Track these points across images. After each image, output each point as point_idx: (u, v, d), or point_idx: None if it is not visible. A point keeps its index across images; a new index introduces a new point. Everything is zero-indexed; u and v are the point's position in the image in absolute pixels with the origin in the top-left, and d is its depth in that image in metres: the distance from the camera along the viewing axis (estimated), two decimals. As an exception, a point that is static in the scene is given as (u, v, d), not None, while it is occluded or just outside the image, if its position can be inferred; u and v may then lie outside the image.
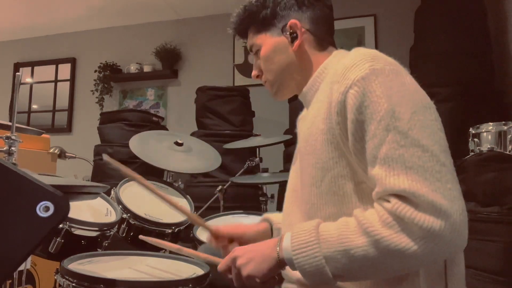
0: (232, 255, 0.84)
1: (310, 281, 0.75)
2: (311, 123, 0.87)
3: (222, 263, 0.87)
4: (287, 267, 0.80)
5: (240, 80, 3.61)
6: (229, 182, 2.11)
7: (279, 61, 0.95)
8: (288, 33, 0.93)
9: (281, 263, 0.79)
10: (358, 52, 0.82)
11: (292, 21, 0.93)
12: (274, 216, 1.11)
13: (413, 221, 0.66)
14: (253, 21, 0.98)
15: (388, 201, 0.70)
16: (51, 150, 2.37)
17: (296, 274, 0.87)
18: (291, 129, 2.75)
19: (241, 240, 1.05)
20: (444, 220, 0.65)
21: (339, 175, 0.80)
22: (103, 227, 1.38)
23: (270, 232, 1.09)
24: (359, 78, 0.75)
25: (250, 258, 0.81)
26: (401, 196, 0.68)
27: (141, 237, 1.15)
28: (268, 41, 0.96)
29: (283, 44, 0.94)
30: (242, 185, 2.47)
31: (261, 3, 0.96)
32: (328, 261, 0.72)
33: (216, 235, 1.06)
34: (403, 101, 0.73)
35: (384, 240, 0.68)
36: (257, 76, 1.02)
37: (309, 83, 0.94)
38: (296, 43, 0.93)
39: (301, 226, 0.78)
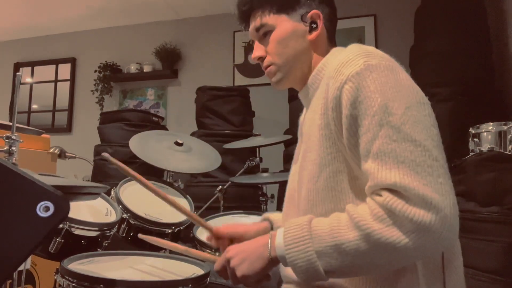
0: (226, 255, 0.85)
1: (302, 278, 0.75)
2: (312, 121, 0.88)
3: (217, 264, 0.88)
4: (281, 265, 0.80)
5: (240, 80, 3.61)
6: (229, 182, 2.11)
7: (294, 46, 0.93)
8: (308, 21, 0.93)
9: (273, 260, 0.79)
10: (354, 48, 0.82)
11: (316, 11, 0.93)
12: (274, 216, 1.11)
13: (404, 215, 0.67)
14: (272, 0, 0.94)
15: (380, 195, 0.70)
16: (51, 150, 2.37)
17: (293, 276, 0.87)
18: (291, 129, 2.75)
19: (242, 240, 1.05)
20: (434, 214, 0.66)
21: (337, 171, 0.81)
22: (103, 227, 1.38)
23: (268, 228, 1.09)
24: (353, 74, 0.76)
25: (243, 259, 0.81)
26: (393, 190, 0.69)
27: (140, 235, 1.15)
28: (285, 24, 0.93)
29: (301, 30, 0.93)
30: (242, 185, 2.47)
31: None
32: (319, 256, 0.72)
33: (216, 235, 1.06)
34: (397, 97, 0.73)
35: (375, 234, 0.68)
36: (259, 58, 0.97)
37: (310, 80, 0.94)
38: (315, 33, 0.93)
39: (293, 221, 0.78)
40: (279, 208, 1.61)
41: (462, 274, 0.84)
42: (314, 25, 0.93)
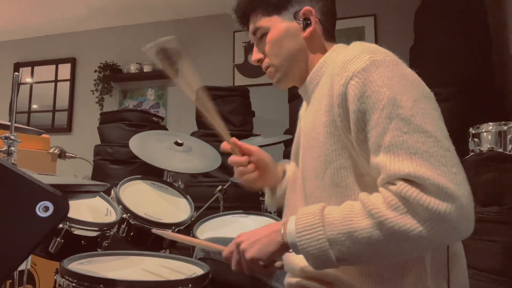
0: (236, 240, 0.84)
1: (314, 265, 0.75)
2: (314, 117, 0.87)
3: (226, 249, 0.87)
4: (290, 254, 0.80)
5: (240, 80, 3.61)
6: (229, 182, 2.11)
7: (289, 46, 0.93)
8: (301, 19, 0.93)
9: (285, 247, 0.78)
10: (358, 46, 0.83)
11: (307, 8, 0.92)
12: (288, 167, 1.10)
13: (419, 202, 0.66)
14: (263, 2, 0.95)
15: (394, 184, 0.69)
16: (51, 150, 2.37)
17: (299, 264, 0.87)
18: (291, 129, 2.75)
19: (257, 157, 1.05)
20: (450, 203, 0.65)
21: (341, 167, 0.80)
22: (103, 227, 1.38)
23: (282, 174, 1.10)
24: (359, 70, 0.76)
25: (254, 242, 0.81)
26: (407, 180, 0.68)
27: (154, 230, 1.17)
28: (278, 25, 0.94)
29: (295, 29, 0.93)
30: (242, 185, 2.47)
31: None
32: (332, 243, 0.72)
33: (234, 143, 1.06)
34: (405, 90, 0.73)
35: (389, 222, 0.67)
36: (258, 61, 0.99)
37: (310, 77, 0.94)
38: (309, 30, 0.92)
39: (305, 209, 0.78)
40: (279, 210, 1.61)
41: (466, 276, 0.84)
42: (307, 22, 0.92)
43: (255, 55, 0.99)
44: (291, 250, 0.78)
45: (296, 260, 0.90)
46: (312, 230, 0.73)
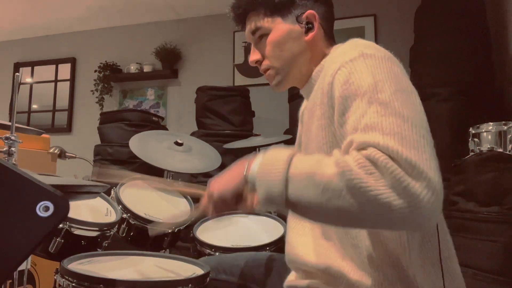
0: (208, 188, 0.85)
1: (263, 196, 0.72)
2: (311, 112, 0.88)
3: (203, 199, 0.88)
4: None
5: (240, 80, 3.61)
6: (229, 182, 2.11)
7: (291, 48, 0.93)
8: (304, 22, 0.92)
9: (247, 180, 0.77)
10: (353, 41, 0.85)
11: (311, 11, 0.92)
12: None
13: (386, 166, 0.62)
14: (266, 2, 0.93)
15: (364, 149, 0.66)
16: (51, 150, 2.37)
17: (305, 258, 0.87)
18: (291, 129, 2.75)
19: None
20: (416, 178, 0.61)
21: None
22: (103, 227, 1.38)
23: None
24: (347, 61, 0.77)
25: (220, 179, 0.82)
26: (377, 147, 0.65)
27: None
28: (280, 27, 0.92)
29: (297, 32, 0.93)
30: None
31: None
32: (290, 179, 0.69)
33: None
34: (388, 79, 0.73)
35: (351, 174, 0.63)
36: (256, 62, 0.97)
37: (312, 78, 0.94)
38: (311, 34, 0.92)
39: (274, 153, 0.75)
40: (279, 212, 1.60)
41: (460, 271, 0.85)
42: (310, 26, 0.92)
43: (253, 56, 0.97)
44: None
45: (299, 253, 0.91)
46: (276, 164, 0.71)
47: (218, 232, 1.61)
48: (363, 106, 0.71)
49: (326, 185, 0.65)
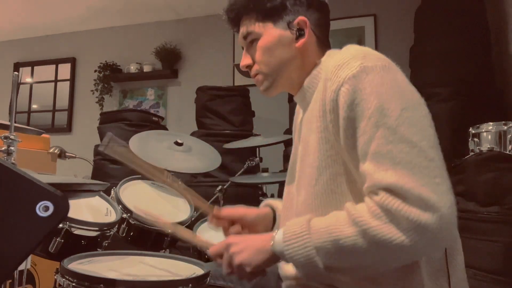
0: (227, 241, 0.85)
1: (304, 273, 0.76)
2: (310, 123, 0.87)
3: (214, 247, 0.87)
4: (282, 264, 0.81)
5: (240, 80, 3.61)
6: (229, 182, 2.11)
7: (280, 54, 0.92)
8: (295, 29, 0.91)
9: (275, 256, 0.80)
10: (349, 50, 0.82)
11: (302, 18, 0.91)
12: (275, 202, 1.11)
13: (400, 213, 0.67)
14: (258, 7, 0.92)
15: (377, 194, 0.71)
16: (51, 150, 2.37)
17: (292, 271, 0.87)
18: (291, 129, 2.75)
19: (242, 222, 1.05)
20: (431, 213, 0.66)
21: (337, 173, 0.81)
22: (103, 227, 1.38)
23: (271, 217, 1.09)
24: (350, 76, 0.76)
25: (245, 247, 0.82)
26: (390, 190, 0.69)
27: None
28: (271, 32, 0.92)
29: (288, 38, 0.91)
30: (242, 185, 2.47)
31: None
32: (318, 251, 0.73)
33: (217, 216, 1.06)
34: (393, 98, 0.74)
35: (372, 230, 0.69)
36: (247, 67, 0.96)
37: (306, 84, 0.93)
38: (302, 40, 0.91)
39: (293, 220, 0.79)
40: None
41: (464, 270, 0.85)
42: (301, 32, 0.91)
43: (244, 61, 0.97)
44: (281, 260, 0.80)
45: (288, 268, 0.91)
46: (299, 238, 0.75)
47: (218, 232, 1.61)
48: (371, 129, 0.73)
49: (353, 248, 0.71)
